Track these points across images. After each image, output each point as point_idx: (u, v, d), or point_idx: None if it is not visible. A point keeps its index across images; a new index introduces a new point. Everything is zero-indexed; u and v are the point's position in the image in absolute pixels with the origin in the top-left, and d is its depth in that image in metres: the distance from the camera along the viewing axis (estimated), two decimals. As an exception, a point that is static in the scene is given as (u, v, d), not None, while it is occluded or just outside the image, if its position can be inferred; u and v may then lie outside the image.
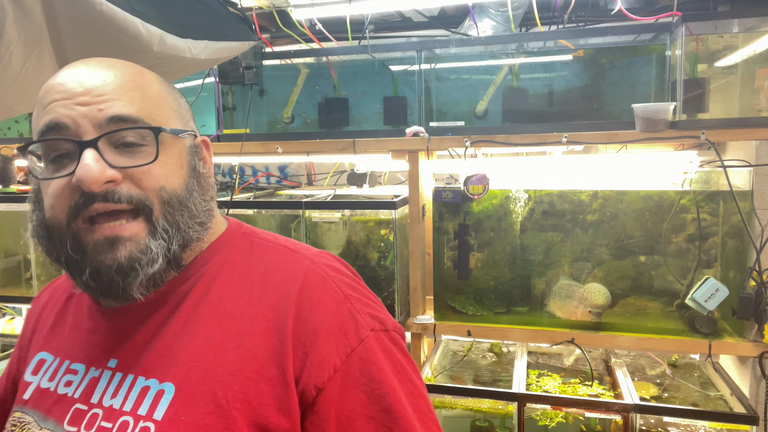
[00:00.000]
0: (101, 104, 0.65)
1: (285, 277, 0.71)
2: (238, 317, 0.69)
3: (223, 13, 1.57)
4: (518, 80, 1.87)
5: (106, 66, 0.69)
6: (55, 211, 0.66)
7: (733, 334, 1.61)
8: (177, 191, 0.68)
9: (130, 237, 0.65)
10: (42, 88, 0.69)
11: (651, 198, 1.67)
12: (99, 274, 0.65)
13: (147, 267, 0.66)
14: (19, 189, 2.32)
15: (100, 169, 0.63)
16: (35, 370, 0.76)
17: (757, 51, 1.62)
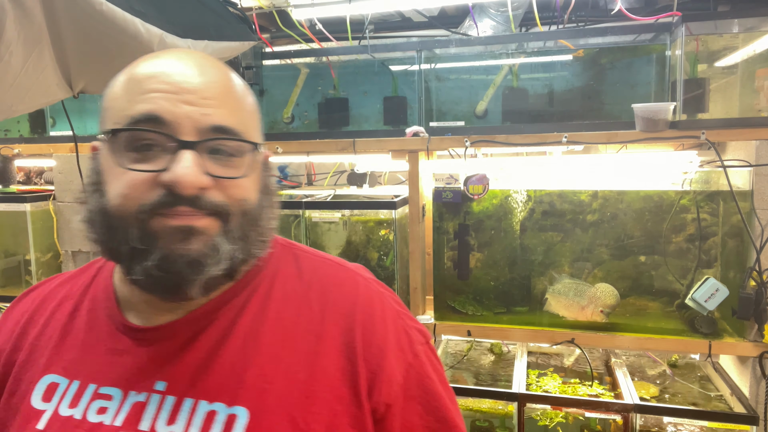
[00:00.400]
0: (206, 108, 0.62)
1: (343, 294, 0.71)
2: (302, 336, 0.67)
3: (223, 13, 1.57)
4: (518, 80, 1.87)
5: (211, 66, 0.66)
6: (127, 200, 0.61)
7: (733, 334, 1.61)
8: (254, 206, 0.67)
9: (203, 230, 0.62)
10: (138, 66, 0.65)
11: (651, 198, 1.67)
12: (169, 263, 0.60)
13: (213, 266, 0.62)
14: (19, 189, 2.32)
15: (197, 174, 0.60)
16: (46, 396, 0.67)
17: (757, 51, 1.62)
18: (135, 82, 0.63)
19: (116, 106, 0.64)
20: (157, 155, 0.61)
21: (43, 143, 2.13)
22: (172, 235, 0.60)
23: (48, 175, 2.56)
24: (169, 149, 0.61)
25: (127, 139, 0.62)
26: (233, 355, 0.65)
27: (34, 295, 0.79)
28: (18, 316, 0.77)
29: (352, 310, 0.69)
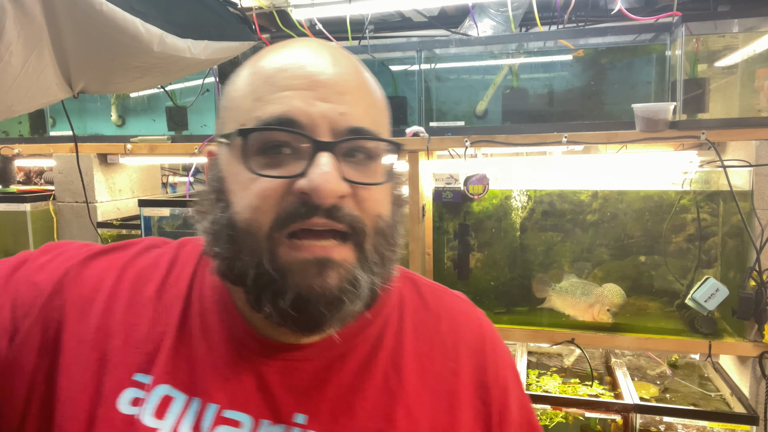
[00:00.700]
0: (342, 107, 0.54)
1: (471, 328, 0.68)
2: (441, 374, 0.62)
3: (223, 13, 1.57)
4: (518, 80, 1.87)
5: (343, 57, 0.58)
6: (259, 214, 0.53)
7: (733, 334, 1.61)
8: (388, 221, 0.58)
9: (341, 262, 0.53)
10: (264, 58, 0.58)
11: (651, 198, 1.67)
12: (305, 303, 0.52)
13: (353, 303, 0.54)
14: (19, 189, 2.32)
15: (338, 181, 0.52)
16: (159, 412, 0.55)
17: (757, 51, 1.62)
18: (263, 78, 0.56)
19: (242, 105, 0.57)
20: (289, 160, 0.54)
21: (43, 143, 2.13)
22: (309, 267, 0.52)
23: (48, 175, 2.56)
24: (302, 152, 0.53)
25: (257, 141, 0.54)
26: (377, 393, 0.59)
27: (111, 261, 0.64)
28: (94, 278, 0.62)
29: (482, 347, 0.66)
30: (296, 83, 0.54)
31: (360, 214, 0.55)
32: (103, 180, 2.10)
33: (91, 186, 2.03)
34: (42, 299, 0.59)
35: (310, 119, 0.53)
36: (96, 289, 0.60)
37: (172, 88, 2.14)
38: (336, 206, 0.53)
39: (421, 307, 0.67)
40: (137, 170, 2.28)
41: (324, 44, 0.59)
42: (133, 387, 0.56)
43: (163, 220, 1.93)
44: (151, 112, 2.25)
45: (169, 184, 2.68)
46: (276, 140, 0.54)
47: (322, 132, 0.54)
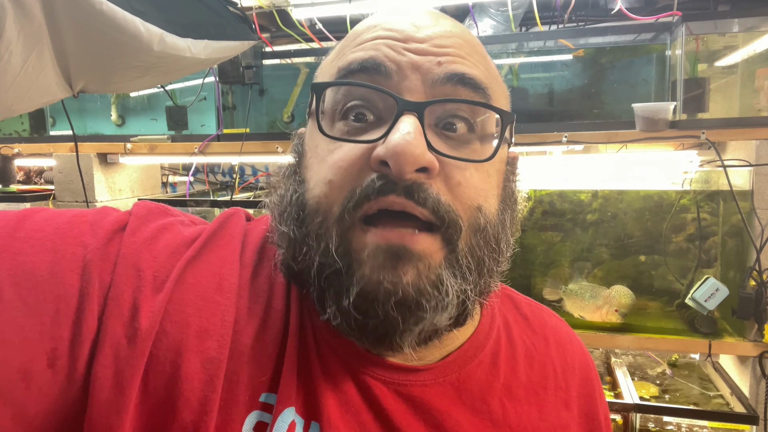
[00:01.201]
0: (442, 57, 0.45)
1: (576, 353, 0.60)
2: (555, 406, 0.55)
3: (223, 12, 1.57)
4: (518, 80, 1.87)
5: (447, 17, 0.51)
6: (331, 190, 0.44)
7: (733, 334, 1.61)
8: (493, 218, 0.47)
9: (422, 254, 0.42)
10: (356, 27, 0.50)
11: (651, 198, 1.67)
12: (372, 302, 0.42)
13: (434, 312, 0.43)
14: (19, 189, 2.32)
15: (422, 147, 0.42)
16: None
17: (757, 51, 1.62)
18: (351, 37, 0.48)
19: (326, 69, 0.50)
20: (372, 127, 0.45)
21: (43, 143, 2.13)
22: (380, 254, 0.42)
23: (48, 174, 2.56)
24: (387, 114, 0.44)
25: (333, 101, 0.46)
26: (497, 428, 0.51)
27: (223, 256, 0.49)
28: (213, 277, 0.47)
29: (588, 375, 0.59)
30: (385, 34, 0.46)
31: (452, 201, 0.44)
32: (103, 179, 2.10)
33: (91, 185, 2.03)
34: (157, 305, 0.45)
35: (399, 67, 0.44)
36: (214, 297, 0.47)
37: (172, 88, 2.14)
38: (419, 184, 0.42)
39: (527, 328, 0.59)
40: (137, 170, 2.28)
41: (423, 8, 0.51)
42: (258, 410, 0.44)
43: (163, 219, 1.93)
44: (151, 111, 2.25)
45: (169, 184, 2.68)
46: (354, 96, 0.45)
47: (413, 88, 0.44)
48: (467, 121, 0.46)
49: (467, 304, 0.46)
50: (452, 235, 0.44)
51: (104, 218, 0.47)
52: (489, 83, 0.47)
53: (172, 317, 0.43)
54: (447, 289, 0.43)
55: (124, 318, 0.42)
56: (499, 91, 0.50)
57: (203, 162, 2.43)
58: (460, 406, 0.50)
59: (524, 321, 0.60)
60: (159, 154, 1.99)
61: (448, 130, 0.45)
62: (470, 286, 0.45)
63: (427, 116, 0.44)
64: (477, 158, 0.45)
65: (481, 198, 0.45)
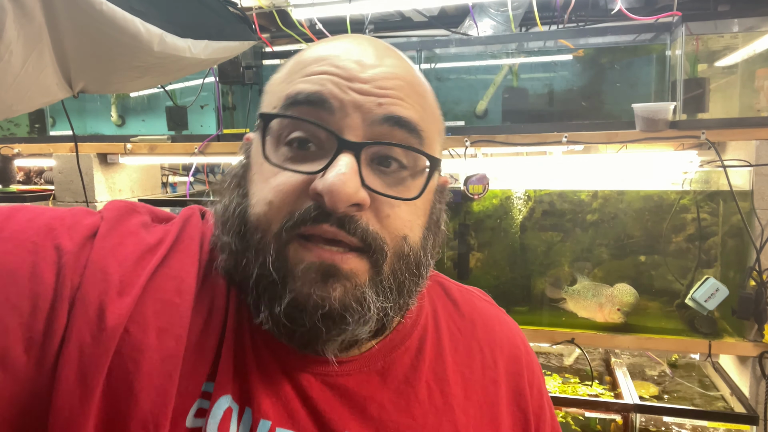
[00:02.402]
0: (382, 98, 0.49)
1: (505, 334, 0.65)
2: (483, 384, 0.59)
3: (223, 12, 1.57)
4: (518, 80, 1.87)
5: (392, 53, 0.53)
6: (271, 209, 0.48)
7: (733, 334, 1.61)
8: (416, 246, 0.52)
9: (349, 274, 0.48)
10: (307, 50, 0.53)
11: (651, 198, 1.67)
12: (301, 311, 0.47)
13: (356, 325, 0.48)
14: (19, 189, 2.32)
15: (356, 187, 0.46)
16: (224, 426, 0.48)
17: (757, 51, 1.62)
18: (301, 65, 0.51)
19: (276, 90, 0.53)
20: (315, 156, 0.49)
21: (43, 143, 2.13)
22: (312, 271, 0.47)
23: (48, 175, 2.56)
24: (327, 148, 0.49)
25: (280, 127, 0.50)
26: (423, 411, 0.54)
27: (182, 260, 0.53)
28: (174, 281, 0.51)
29: (515, 353, 0.63)
30: (332, 70, 0.49)
31: (379, 230, 0.49)
32: (103, 180, 2.10)
33: (91, 186, 2.03)
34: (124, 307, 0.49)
35: (342, 106, 0.48)
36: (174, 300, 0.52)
37: (172, 88, 2.14)
38: (351, 216, 0.47)
39: (455, 313, 0.63)
40: (137, 170, 2.28)
41: (371, 40, 0.54)
42: (201, 398, 0.49)
43: (163, 219, 1.93)
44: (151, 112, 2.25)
45: (169, 184, 2.68)
46: (299, 127, 0.50)
47: (353, 127, 0.48)
48: (399, 161, 0.50)
49: (386, 319, 0.51)
50: (378, 260, 0.49)
51: (80, 222, 0.51)
52: (423, 125, 0.51)
53: (135, 319, 0.47)
54: (369, 306, 0.48)
55: (89, 317, 0.46)
56: (434, 129, 0.54)
57: (203, 162, 2.43)
58: (385, 391, 0.54)
59: (453, 306, 0.64)
60: (159, 154, 1.99)
61: (384, 165, 0.50)
62: (390, 304, 0.51)
63: (363, 154, 0.48)
64: (407, 195, 0.50)
65: (407, 228, 0.51)
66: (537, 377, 0.65)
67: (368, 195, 0.48)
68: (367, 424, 0.52)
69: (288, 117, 0.49)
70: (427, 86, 0.55)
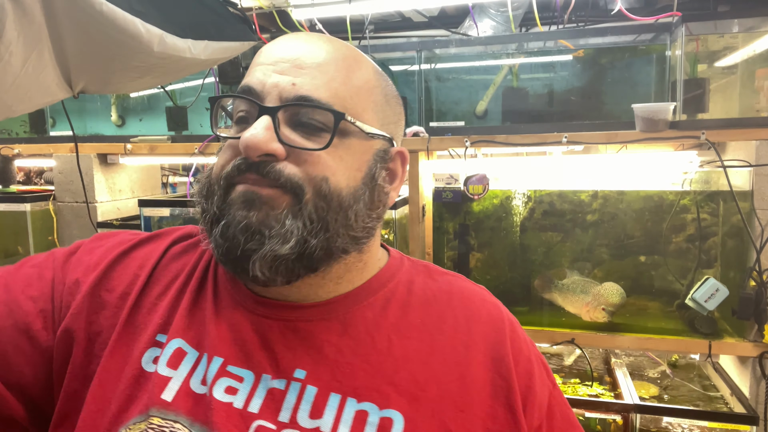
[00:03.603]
0: (297, 78, 0.59)
1: (487, 308, 0.69)
2: (450, 344, 0.64)
3: (223, 13, 1.57)
4: (518, 80, 1.87)
5: (323, 41, 0.63)
6: (217, 168, 0.62)
7: (733, 334, 1.61)
8: (341, 191, 0.60)
9: (267, 199, 0.58)
10: None
11: (651, 198, 1.67)
12: (227, 229, 0.58)
13: (275, 241, 0.57)
14: (19, 189, 2.32)
15: (266, 139, 0.57)
16: (173, 362, 0.60)
17: (757, 51, 1.62)
18: (254, 59, 0.64)
19: None
20: (250, 122, 0.61)
21: (43, 143, 2.13)
22: (237, 200, 0.59)
23: (48, 175, 2.56)
24: (254, 115, 0.60)
25: (232, 111, 0.64)
26: (380, 358, 0.61)
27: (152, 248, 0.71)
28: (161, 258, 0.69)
29: (500, 326, 0.67)
30: (263, 60, 0.62)
31: (297, 173, 0.58)
32: (103, 180, 2.10)
33: (91, 186, 2.03)
34: (92, 277, 0.66)
35: (264, 87, 0.60)
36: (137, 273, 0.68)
37: (172, 88, 2.14)
38: (267, 163, 0.58)
39: (433, 286, 0.69)
40: (137, 170, 2.28)
41: (310, 34, 0.65)
42: (154, 347, 0.61)
43: (163, 220, 1.93)
44: (151, 112, 2.25)
45: (169, 184, 2.68)
46: (239, 108, 0.63)
47: (271, 100, 0.60)
48: (316, 119, 0.60)
49: (310, 248, 0.58)
50: (297, 194, 0.58)
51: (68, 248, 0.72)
52: (333, 97, 0.60)
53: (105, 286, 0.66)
54: (285, 226, 0.57)
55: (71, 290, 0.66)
56: (354, 100, 0.62)
57: (203, 162, 2.43)
58: (344, 337, 0.62)
59: (432, 281, 0.71)
60: (159, 154, 1.99)
61: (305, 127, 0.60)
62: (312, 235, 0.58)
63: (283, 117, 0.60)
64: (318, 146, 0.59)
65: (329, 172, 0.59)
66: (528, 361, 0.67)
67: (282, 147, 0.58)
68: (322, 363, 0.60)
69: (226, 96, 0.65)
70: (354, 63, 0.64)
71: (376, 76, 0.66)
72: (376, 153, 0.64)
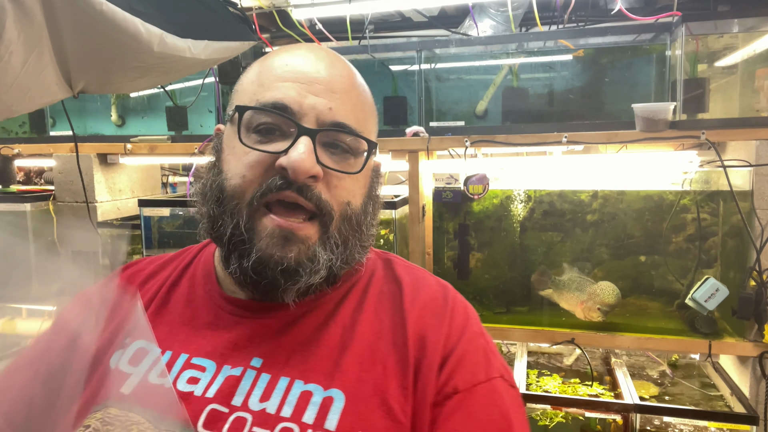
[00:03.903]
0: (331, 103, 0.64)
1: (433, 295, 0.72)
2: (396, 329, 0.68)
3: (223, 13, 1.57)
4: (518, 80, 1.87)
5: (343, 63, 0.69)
6: (244, 181, 0.63)
7: (733, 334, 1.61)
8: (357, 210, 0.68)
9: (303, 238, 0.62)
10: (272, 56, 0.68)
11: (651, 198, 1.67)
12: (264, 267, 0.62)
13: (310, 275, 0.63)
14: (19, 189, 2.32)
15: (312, 162, 0.61)
16: (134, 360, 0.67)
17: (757, 51, 1.62)
18: (268, 70, 0.66)
19: (248, 89, 0.67)
20: (277, 140, 0.63)
21: (43, 143, 2.13)
22: (275, 236, 0.61)
23: (48, 175, 2.56)
24: (289, 135, 0.63)
25: (252, 120, 0.64)
26: (332, 345, 0.66)
27: (142, 269, 0.79)
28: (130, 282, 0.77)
29: (442, 311, 0.70)
30: (295, 77, 0.64)
31: (329, 198, 0.64)
32: (103, 180, 2.10)
33: (91, 186, 2.03)
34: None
35: (300, 107, 0.63)
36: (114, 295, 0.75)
37: (172, 88, 2.14)
38: (307, 186, 0.62)
39: (390, 278, 0.75)
40: (137, 170, 2.28)
41: (325, 50, 0.70)
42: (120, 349, 0.69)
43: (163, 220, 1.93)
44: (151, 112, 2.25)
45: (169, 184, 2.67)
46: (268, 122, 0.64)
47: (309, 121, 0.63)
48: (346, 144, 0.66)
49: (334, 269, 0.66)
50: (327, 222, 0.64)
51: None
52: (360, 124, 0.67)
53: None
54: (319, 261, 0.63)
55: None
56: (370, 121, 0.70)
57: (203, 162, 2.43)
58: (303, 326, 0.68)
59: (391, 274, 0.76)
60: (159, 154, 1.99)
61: (334, 148, 0.65)
62: (335, 257, 0.65)
63: (319, 139, 0.63)
64: (350, 170, 0.66)
65: (351, 196, 0.66)
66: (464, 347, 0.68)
67: (321, 170, 0.63)
68: (279, 351, 0.66)
69: (260, 109, 0.64)
70: (364, 87, 0.71)
71: (371, 97, 0.72)
72: (373, 169, 0.72)
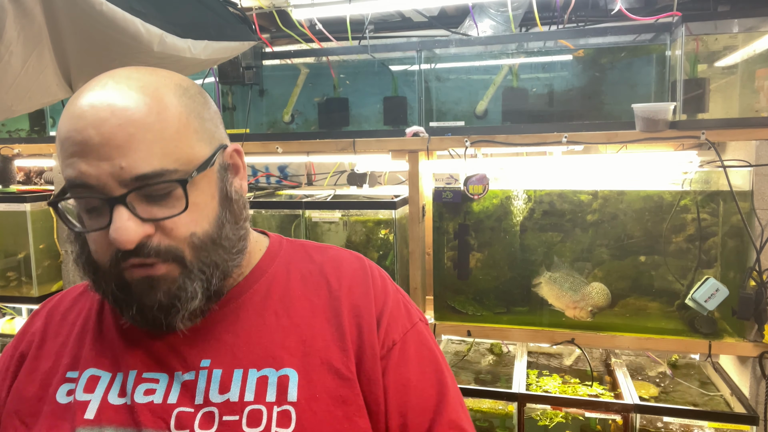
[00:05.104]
0: (122, 160, 0.60)
1: (352, 265, 0.79)
2: (327, 303, 0.74)
3: (223, 13, 1.57)
4: (518, 80, 1.87)
5: (118, 104, 0.61)
6: (98, 257, 0.66)
7: (733, 334, 1.61)
8: (208, 232, 0.67)
9: (163, 277, 0.64)
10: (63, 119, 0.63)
11: (651, 198, 1.67)
12: (143, 312, 0.66)
13: (187, 303, 0.66)
14: (19, 189, 2.32)
15: (133, 229, 0.61)
16: (89, 388, 0.69)
17: (757, 51, 1.62)
18: (60, 142, 0.64)
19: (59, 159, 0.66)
20: (101, 211, 0.64)
21: (43, 143, 2.13)
22: (140, 285, 0.65)
23: (48, 175, 2.56)
24: (106, 207, 0.63)
25: (77, 204, 0.66)
26: (271, 331, 0.71)
27: (51, 307, 0.82)
28: (38, 325, 0.80)
29: (364, 280, 0.77)
30: (79, 149, 0.61)
31: (169, 242, 0.64)
32: (103, 180, 2.10)
33: (91, 186, 2.03)
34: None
35: (98, 179, 0.61)
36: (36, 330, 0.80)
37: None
38: (142, 245, 0.63)
39: (308, 261, 0.79)
40: (137, 170, 2.28)
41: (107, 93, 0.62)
42: (66, 383, 0.71)
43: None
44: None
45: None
46: (84, 202, 0.64)
47: (112, 187, 0.61)
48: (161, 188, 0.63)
49: (213, 287, 0.67)
50: (180, 259, 0.65)
51: None
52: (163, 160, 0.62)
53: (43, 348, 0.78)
54: (188, 290, 0.65)
55: None
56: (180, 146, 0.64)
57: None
58: (238, 323, 0.71)
59: (308, 257, 0.80)
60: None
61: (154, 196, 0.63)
62: (207, 278, 0.67)
63: (132, 198, 0.62)
64: (176, 211, 0.64)
65: (193, 226, 0.65)
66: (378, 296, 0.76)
67: (149, 227, 0.63)
68: (223, 349, 0.70)
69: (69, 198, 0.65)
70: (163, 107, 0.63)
71: (183, 102, 0.65)
72: (218, 170, 0.69)
